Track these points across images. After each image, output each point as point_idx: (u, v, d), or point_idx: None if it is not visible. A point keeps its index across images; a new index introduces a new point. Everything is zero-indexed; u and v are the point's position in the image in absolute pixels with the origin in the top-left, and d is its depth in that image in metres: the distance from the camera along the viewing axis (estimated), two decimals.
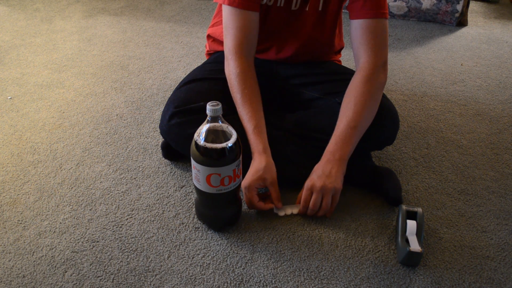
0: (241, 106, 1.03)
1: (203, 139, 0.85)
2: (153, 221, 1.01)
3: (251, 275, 0.88)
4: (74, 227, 0.99)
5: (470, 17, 2.24)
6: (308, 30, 1.15)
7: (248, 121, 1.01)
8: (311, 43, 1.18)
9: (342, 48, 1.30)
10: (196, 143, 0.87)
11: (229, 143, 0.86)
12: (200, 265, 0.90)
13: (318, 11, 1.12)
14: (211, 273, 0.89)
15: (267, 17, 1.12)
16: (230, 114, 1.03)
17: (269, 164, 0.98)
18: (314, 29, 1.15)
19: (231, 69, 1.06)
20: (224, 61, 1.09)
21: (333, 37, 1.21)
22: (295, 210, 1.01)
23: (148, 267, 0.90)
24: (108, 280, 0.87)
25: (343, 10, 1.18)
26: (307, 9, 1.11)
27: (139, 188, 1.10)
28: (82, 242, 0.95)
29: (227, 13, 1.05)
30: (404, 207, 0.97)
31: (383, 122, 1.06)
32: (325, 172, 0.97)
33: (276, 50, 1.20)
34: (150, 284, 0.86)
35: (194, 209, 1.03)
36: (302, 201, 0.99)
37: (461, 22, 2.15)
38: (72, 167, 1.17)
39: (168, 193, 1.09)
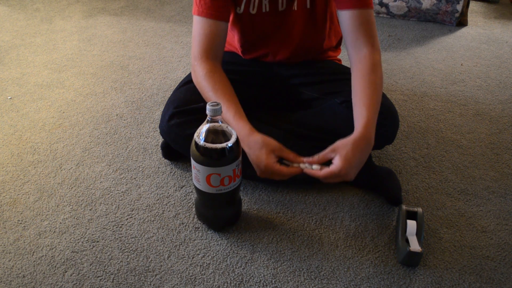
0: (215, 100, 1.00)
1: (203, 139, 0.85)
2: (153, 221, 1.01)
3: (251, 275, 0.88)
4: (74, 227, 0.99)
5: (470, 17, 2.24)
6: (300, 30, 1.14)
7: (226, 111, 0.98)
8: (306, 42, 1.17)
9: (340, 41, 1.29)
10: (196, 143, 0.87)
11: (229, 143, 0.86)
12: (200, 265, 0.90)
13: (306, 9, 1.11)
14: (211, 273, 0.89)
15: (254, 24, 1.11)
16: None
17: (263, 139, 0.94)
18: (306, 28, 1.14)
19: (198, 73, 1.04)
20: (191, 71, 1.08)
21: (326, 32, 1.19)
22: (315, 167, 0.94)
23: (148, 267, 0.90)
24: (108, 280, 0.87)
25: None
26: (295, 8, 1.10)
27: (139, 188, 1.10)
28: (82, 242, 0.95)
29: (196, 23, 1.06)
30: (404, 207, 0.97)
31: (383, 122, 1.06)
32: (361, 163, 0.94)
33: (272, 55, 1.19)
34: (150, 284, 0.86)
35: (194, 209, 1.03)
36: (325, 178, 0.93)
37: (461, 22, 2.15)
38: (72, 167, 1.17)
39: (168, 193, 1.09)
